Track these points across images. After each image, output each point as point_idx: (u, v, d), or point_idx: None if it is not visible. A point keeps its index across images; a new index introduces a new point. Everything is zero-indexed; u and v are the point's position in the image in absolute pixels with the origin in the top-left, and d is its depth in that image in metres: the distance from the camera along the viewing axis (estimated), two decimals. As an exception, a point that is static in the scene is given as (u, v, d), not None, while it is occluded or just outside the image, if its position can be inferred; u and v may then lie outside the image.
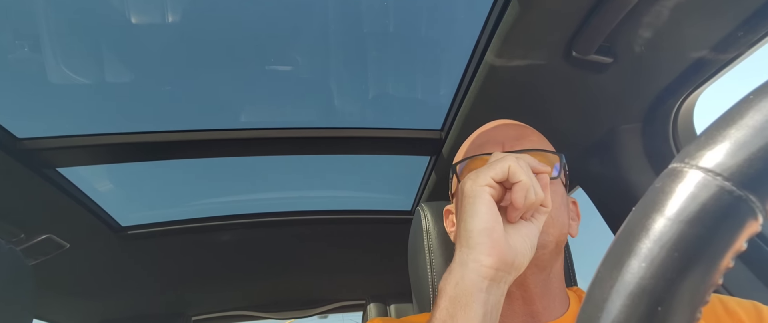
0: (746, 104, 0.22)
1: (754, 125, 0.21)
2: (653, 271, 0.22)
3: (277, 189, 1.60)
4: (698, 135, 0.24)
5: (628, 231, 0.24)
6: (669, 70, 0.85)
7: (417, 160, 1.34)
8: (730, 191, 0.21)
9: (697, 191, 0.22)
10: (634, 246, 0.23)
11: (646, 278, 0.22)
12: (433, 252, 0.83)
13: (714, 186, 0.21)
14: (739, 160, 0.21)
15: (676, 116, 0.94)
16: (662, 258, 0.22)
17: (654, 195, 0.23)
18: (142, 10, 0.93)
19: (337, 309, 2.21)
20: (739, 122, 0.22)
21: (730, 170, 0.21)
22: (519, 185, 0.51)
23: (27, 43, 0.95)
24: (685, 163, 0.23)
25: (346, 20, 1.02)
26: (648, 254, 0.22)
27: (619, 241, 0.24)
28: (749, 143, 0.21)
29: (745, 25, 0.72)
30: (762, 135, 0.21)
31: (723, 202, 0.21)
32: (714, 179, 0.21)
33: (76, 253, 1.38)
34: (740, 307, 0.62)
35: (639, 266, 0.22)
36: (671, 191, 0.23)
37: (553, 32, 0.78)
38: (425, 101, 1.22)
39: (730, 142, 0.22)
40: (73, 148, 1.08)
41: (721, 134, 0.22)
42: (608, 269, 0.24)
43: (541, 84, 0.91)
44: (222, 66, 1.08)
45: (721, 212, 0.21)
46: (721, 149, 0.22)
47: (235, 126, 1.16)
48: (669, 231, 0.22)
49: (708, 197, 0.21)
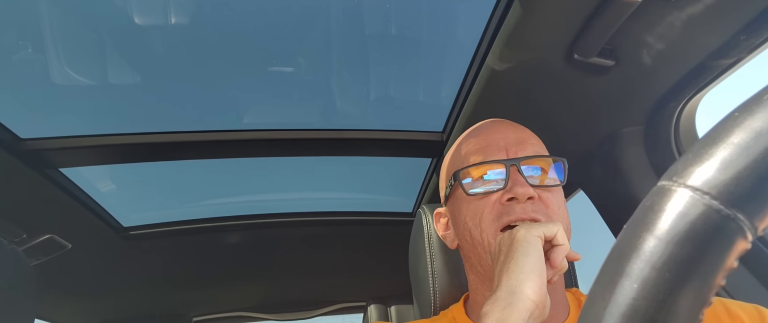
0: (731, 121, 0.22)
1: (739, 143, 0.22)
2: (645, 292, 0.22)
3: (279, 191, 1.60)
4: (686, 152, 0.24)
5: (619, 251, 0.24)
6: (671, 73, 0.85)
7: (418, 162, 1.34)
8: (718, 210, 0.21)
9: (685, 211, 0.22)
10: (625, 267, 0.23)
11: (638, 299, 0.22)
12: (434, 253, 0.83)
13: (702, 205, 0.21)
14: (726, 178, 0.21)
15: (678, 119, 0.94)
16: (654, 279, 0.22)
17: (643, 214, 0.24)
18: (146, 11, 0.93)
19: (338, 310, 2.21)
20: (725, 140, 0.22)
21: (717, 189, 0.21)
22: (561, 248, 0.58)
23: (30, 44, 0.95)
24: (674, 181, 0.23)
25: (349, 22, 1.02)
26: (639, 275, 0.22)
27: (611, 261, 0.25)
28: (735, 162, 0.21)
29: (747, 28, 0.72)
30: (748, 153, 0.21)
31: (711, 222, 0.21)
32: (702, 198, 0.22)
33: (77, 253, 1.38)
34: (743, 311, 0.62)
35: (631, 287, 0.22)
36: (660, 210, 0.23)
37: (555, 35, 0.78)
38: (427, 103, 1.22)
39: (716, 160, 0.22)
40: (75, 148, 1.08)
41: (707, 151, 0.22)
42: (601, 290, 0.24)
43: (543, 87, 0.91)
44: (224, 67, 1.08)
45: (710, 231, 0.21)
46: (708, 168, 0.22)
47: (236, 127, 1.16)
48: (659, 252, 0.22)
49: (696, 216, 0.21)
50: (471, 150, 0.70)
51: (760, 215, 0.21)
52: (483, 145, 0.69)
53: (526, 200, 0.63)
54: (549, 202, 0.65)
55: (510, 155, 0.67)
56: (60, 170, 1.14)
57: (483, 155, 0.68)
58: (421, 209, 0.90)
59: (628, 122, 1.00)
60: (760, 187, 0.21)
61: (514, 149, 0.67)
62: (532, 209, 0.63)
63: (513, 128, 0.72)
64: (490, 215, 0.65)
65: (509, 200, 0.64)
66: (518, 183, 0.63)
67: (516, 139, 0.69)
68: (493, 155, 0.67)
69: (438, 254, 0.83)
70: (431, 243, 0.84)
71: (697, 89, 0.87)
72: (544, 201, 0.64)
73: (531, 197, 0.63)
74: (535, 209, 0.63)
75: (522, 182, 0.63)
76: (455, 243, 0.74)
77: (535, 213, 0.62)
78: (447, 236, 0.76)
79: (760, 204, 0.21)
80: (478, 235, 0.66)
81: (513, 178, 0.64)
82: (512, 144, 0.68)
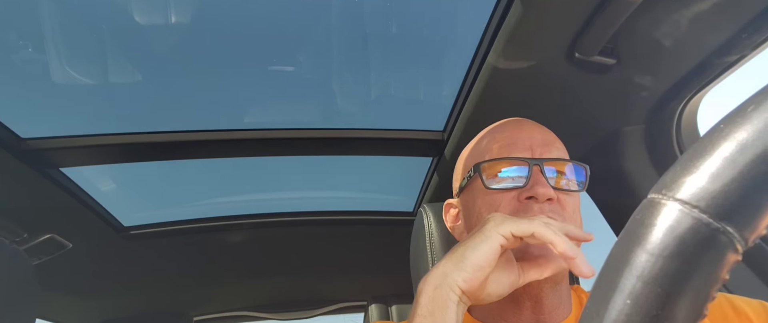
0: (717, 133, 0.22)
1: (725, 155, 0.21)
2: (637, 307, 0.22)
3: (279, 190, 1.60)
4: (673, 165, 0.24)
5: (611, 266, 0.24)
6: (673, 71, 0.85)
7: (419, 161, 1.33)
8: (707, 223, 0.21)
9: (675, 225, 0.22)
10: (618, 282, 0.23)
11: (632, 315, 0.22)
12: (435, 253, 0.83)
13: (691, 219, 0.21)
14: (715, 191, 0.21)
15: (680, 118, 0.94)
16: (646, 294, 0.22)
17: (634, 228, 0.24)
18: (146, 10, 0.93)
19: (338, 309, 2.21)
20: (711, 152, 0.22)
21: (706, 202, 0.21)
22: (537, 246, 0.57)
23: (31, 43, 0.95)
24: (663, 194, 0.23)
25: (350, 21, 1.02)
26: (631, 290, 0.22)
27: (603, 277, 0.25)
28: (722, 174, 0.21)
29: (749, 26, 0.71)
30: (734, 165, 0.21)
31: (701, 235, 0.21)
32: (691, 212, 0.22)
33: (78, 253, 1.38)
34: (748, 306, 0.62)
35: (624, 302, 0.22)
36: (651, 224, 0.23)
37: (556, 33, 0.78)
38: (427, 101, 1.22)
39: (704, 173, 0.22)
40: (76, 148, 1.08)
41: (695, 164, 0.22)
42: (595, 305, 0.24)
43: (544, 85, 0.91)
44: (224, 66, 1.08)
45: (700, 245, 0.21)
46: (696, 181, 0.22)
47: (237, 127, 1.16)
48: (650, 266, 0.22)
49: (686, 230, 0.21)
50: (495, 145, 0.70)
51: (750, 227, 0.21)
52: (508, 142, 0.69)
53: (545, 201, 0.63)
54: (566, 205, 0.64)
55: (534, 155, 0.67)
56: (61, 169, 1.14)
57: (507, 151, 0.68)
58: (421, 208, 0.90)
59: (629, 120, 1.00)
60: (747, 199, 0.21)
61: (539, 149, 0.67)
62: (550, 210, 0.62)
63: (539, 130, 0.72)
64: (507, 209, 0.65)
65: (528, 198, 0.64)
66: (539, 183, 0.63)
67: (541, 140, 0.69)
68: (518, 152, 0.67)
69: (439, 253, 0.83)
70: (432, 242, 0.84)
71: (698, 88, 0.87)
72: (561, 204, 0.64)
73: (550, 199, 0.63)
74: (552, 210, 0.62)
75: (543, 183, 0.63)
76: (463, 235, 0.74)
77: (552, 214, 0.62)
78: (455, 228, 0.76)
79: (748, 216, 0.21)
80: None
81: (535, 177, 0.64)
82: (537, 145, 0.68)
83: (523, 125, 0.73)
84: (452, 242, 0.82)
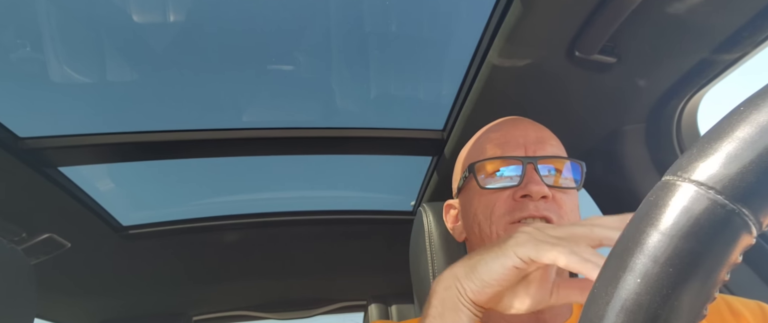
0: (737, 116, 0.22)
1: (744, 138, 0.21)
2: (648, 287, 0.22)
3: (279, 189, 1.59)
4: (690, 147, 0.24)
5: (622, 246, 0.24)
6: (673, 70, 0.85)
7: (419, 160, 1.33)
8: (722, 204, 0.21)
9: (690, 205, 0.22)
10: (629, 262, 0.23)
11: (642, 294, 0.22)
12: (435, 252, 0.83)
13: (707, 200, 0.21)
14: (731, 173, 0.21)
15: (680, 116, 0.94)
16: (657, 274, 0.22)
17: (648, 209, 0.23)
18: (144, 9, 0.93)
19: (338, 309, 2.21)
20: (730, 134, 0.22)
21: (722, 184, 0.21)
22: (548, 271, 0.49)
23: (29, 42, 0.95)
24: (678, 176, 0.23)
25: (348, 20, 1.02)
26: (642, 269, 0.22)
27: (614, 256, 0.24)
28: (741, 156, 0.21)
29: (750, 24, 0.71)
30: (753, 147, 0.21)
31: (716, 216, 0.21)
32: (706, 193, 0.21)
33: (77, 252, 1.38)
34: (745, 308, 0.61)
35: (634, 282, 0.22)
36: (665, 205, 0.23)
37: (556, 32, 0.77)
38: (427, 100, 1.22)
39: (721, 155, 0.22)
40: (74, 147, 1.08)
41: (712, 146, 0.22)
42: (604, 285, 0.24)
43: (544, 84, 0.90)
44: (223, 65, 1.08)
45: (714, 226, 0.21)
46: (713, 162, 0.22)
47: (236, 126, 1.16)
48: (663, 246, 0.22)
49: (701, 211, 0.21)
50: (489, 145, 0.70)
51: (765, 210, 0.21)
52: (502, 141, 0.69)
53: (540, 199, 0.63)
54: (563, 203, 0.64)
55: (528, 153, 0.66)
56: (59, 169, 1.14)
57: (501, 151, 0.68)
58: (421, 208, 0.89)
59: (629, 119, 0.99)
60: (765, 182, 0.21)
61: (533, 147, 0.67)
62: (545, 207, 0.62)
63: (533, 127, 0.71)
64: (502, 209, 0.64)
65: (523, 197, 0.64)
66: (533, 181, 0.63)
67: (536, 138, 0.68)
68: (511, 151, 0.67)
69: (439, 252, 0.82)
70: (432, 242, 0.83)
71: (699, 86, 0.87)
72: (557, 202, 0.64)
73: (545, 196, 0.63)
74: (547, 208, 0.62)
75: (537, 180, 0.63)
76: (463, 236, 0.74)
77: (548, 211, 0.62)
78: (455, 229, 0.76)
79: (765, 199, 0.21)
80: (487, 228, 0.66)
81: (528, 175, 0.64)
82: (531, 142, 0.68)
83: (518, 123, 0.73)
84: (452, 241, 0.81)
